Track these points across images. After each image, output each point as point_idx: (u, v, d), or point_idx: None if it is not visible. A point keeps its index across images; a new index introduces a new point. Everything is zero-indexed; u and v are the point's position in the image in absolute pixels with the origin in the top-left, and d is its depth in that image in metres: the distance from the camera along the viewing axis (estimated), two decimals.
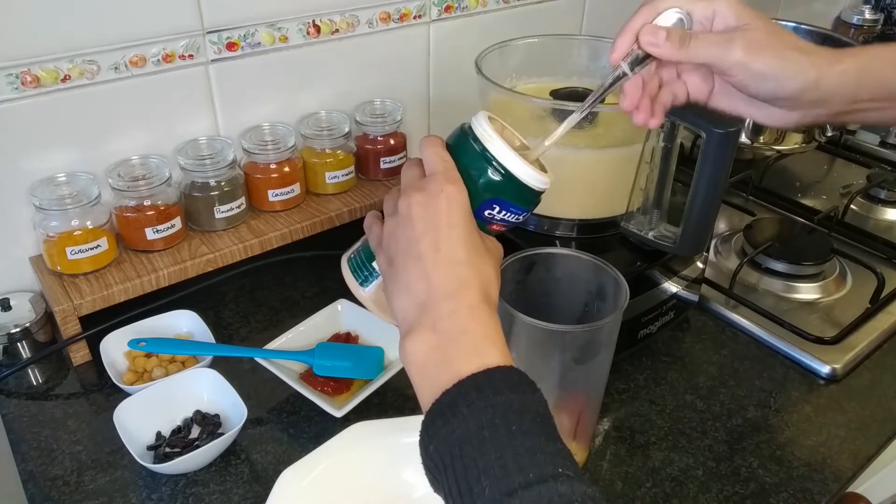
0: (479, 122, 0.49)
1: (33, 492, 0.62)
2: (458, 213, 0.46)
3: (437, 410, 0.41)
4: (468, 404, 0.40)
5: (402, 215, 0.47)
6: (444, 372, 0.42)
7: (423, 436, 0.41)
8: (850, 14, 1.48)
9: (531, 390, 0.42)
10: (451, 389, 0.41)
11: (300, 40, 0.86)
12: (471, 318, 0.44)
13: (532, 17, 1.07)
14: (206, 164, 0.79)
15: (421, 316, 0.44)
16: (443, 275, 0.45)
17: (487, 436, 0.38)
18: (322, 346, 0.73)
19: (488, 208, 0.49)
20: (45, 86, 0.72)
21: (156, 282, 0.76)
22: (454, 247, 0.45)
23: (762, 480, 0.64)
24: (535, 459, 0.37)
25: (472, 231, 0.47)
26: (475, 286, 0.45)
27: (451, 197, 0.46)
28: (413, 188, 0.47)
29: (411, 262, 0.46)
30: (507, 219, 0.50)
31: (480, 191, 0.48)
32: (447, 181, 0.46)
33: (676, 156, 0.69)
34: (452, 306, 0.44)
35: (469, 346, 0.43)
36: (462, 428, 0.39)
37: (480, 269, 0.46)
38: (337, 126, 0.89)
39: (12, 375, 0.73)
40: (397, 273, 0.47)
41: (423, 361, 0.43)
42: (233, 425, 0.65)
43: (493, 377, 0.41)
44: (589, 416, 0.63)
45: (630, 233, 0.73)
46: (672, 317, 0.78)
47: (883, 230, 0.99)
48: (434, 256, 0.45)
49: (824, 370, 0.76)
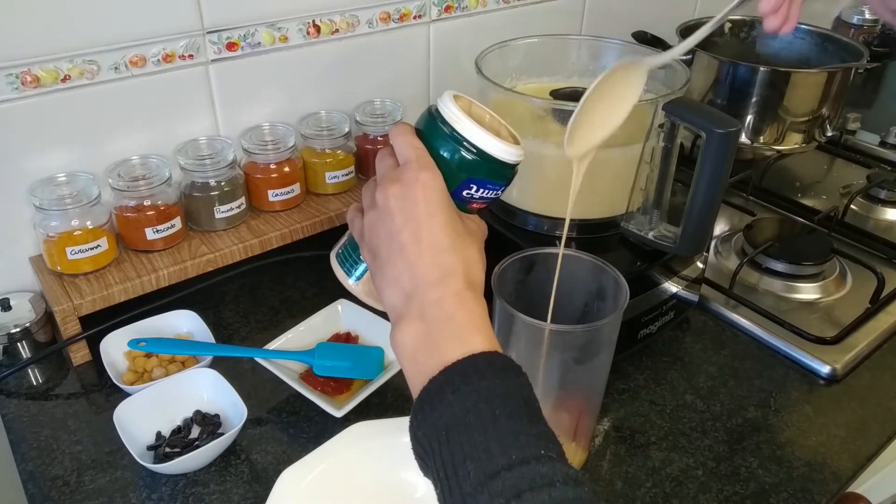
0: (445, 104, 0.49)
1: (33, 492, 0.62)
2: (435, 199, 0.47)
3: (425, 397, 0.42)
4: (454, 390, 0.41)
5: (381, 208, 0.48)
6: (432, 359, 0.43)
7: (413, 422, 0.43)
8: (850, 14, 1.48)
9: (515, 374, 0.42)
10: (437, 376, 0.42)
11: (300, 40, 0.86)
12: (456, 304, 0.44)
13: (532, 17, 1.07)
14: (206, 164, 0.79)
15: (408, 305, 0.45)
16: (426, 264, 0.45)
17: (472, 420, 0.39)
18: (322, 346, 0.73)
19: (465, 188, 0.49)
20: (45, 86, 0.72)
21: (156, 282, 0.76)
22: (435, 235, 0.46)
23: (762, 480, 0.64)
24: (518, 441, 0.38)
25: (452, 215, 0.47)
26: (459, 272, 0.46)
27: (426, 184, 0.46)
28: (388, 179, 0.48)
29: (395, 254, 0.47)
30: (486, 196, 0.50)
31: (455, 172, 0.48)
32: (421, 168, 0.47)
33: (676, 156, 0.68)
34: (438, 294, 0.45)
35: (455, 333, 0.44)
36: (448, 413, 0.40)
37: (464, 254, 0.47)
38: (337, 126, 0.89)
39: (12, 375, 0.73)
40: (382, 265, 0.48)
41: (412, 350, 0.44)
42: (233, 425, 0.65)
43: (477, 363, 0.42)
44: (589, 416, 0.63)
45: (630, 233, 0.73)
46: (672, 317, 0.78)
47: (883, 230, 0.99)
48: (416, 247, 0.46)
49: (824, 370, 0.76)
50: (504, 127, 0.51)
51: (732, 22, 1.16)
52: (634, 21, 1.08)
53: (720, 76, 1.02)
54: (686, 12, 1.28)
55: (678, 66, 0.75)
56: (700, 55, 1.03)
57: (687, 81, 0.71)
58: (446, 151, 0.48)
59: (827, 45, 1.10)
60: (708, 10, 1.24)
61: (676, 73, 0.74)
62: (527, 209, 0.74)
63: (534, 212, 0.74)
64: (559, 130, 0.71)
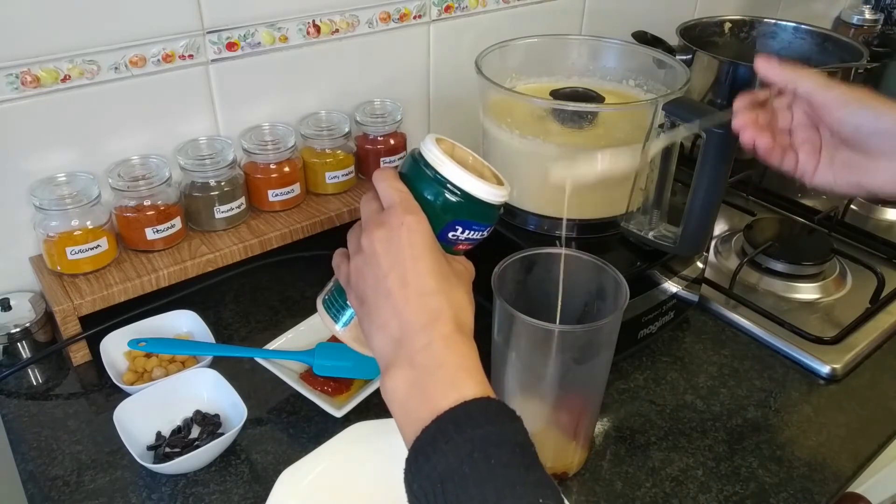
0: (427, 147, 0.49)
1: (33, 492, 0.62)
2: (420, 243, 0.46)
3: (419, 448, 0.41)
4: (447, 440, 0.40)
5: (367, 253, 0.47)
6: (424, 407, 0.42)
7: (407, 473, 0.42)
8: (850, 14, 1.48)
9: (510, 420, 0.42)
10: (430, 426, 0.41)
11: (300, 40, 0.86)
12: (445, 349, 0.44)
13: (532, 17, 1.07)
14: (206, 164, 0.79)
15: (398, 352, 0.45)
16: (414, 309, 0.45)
17: (467, 471, 0.39)
18: (322, 346, 0.73)
19: (451, 230, 0.49)
20: (45, 86, 0.72)
21: (156, 282, 0.76)
22: (421, 279, 0.45)
23: (762, 480, 0.64)
24: (515, 492, 0.38)
25: (438, 258, 0.47)
26: (447, 315, 0.45)
27: (411, 228, 0.46)
28: (373, 223, 0.48)
29: (381, 300, 0.46)
30: (472, 237, 0.50)
31: (440, 214, 0.48)
32: (405, 212, 0.47)
33: (676, 156, 0.69)
34: (426, 339, 0.44)
35: (446, 380, 0.43)
36: (443, 464, 0.39)
37: (451, 297, 0.46)
38: (337, 126, 0.89)
39: (12, 375, 0.73)
40: (370, 311, 0.47)
41: (403, 398, 0.44)
42: (233, 425, 0.65)
43: (470, 410, 0.41)
44: (589, 416, 0.63)
45: (630, 233, 0.73)
46: (672, 317, 0.78)
47: (883, 230, 0.99)
48: (403, 291, 0.45)
49: (824, 370, 0.76)
50: (487, 168, 0.52)
51: (732, 22, 1.16)
52: (634, 21, 1.08)
53: (720, 76, 1.02)
54: (686, 12, 1.28)
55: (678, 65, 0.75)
56: (700, 55, 1.03)
57: (687, 81, 0.71)
58: (430, 194, 0.48)
59: (827, 45, 1.10)
60: (708, 10, 1.24)
61: (676, 73, 0.74)
62: (527, 209, 0.74)
63: (534, 212, 0.74)
64: (559, 130, 0.71)
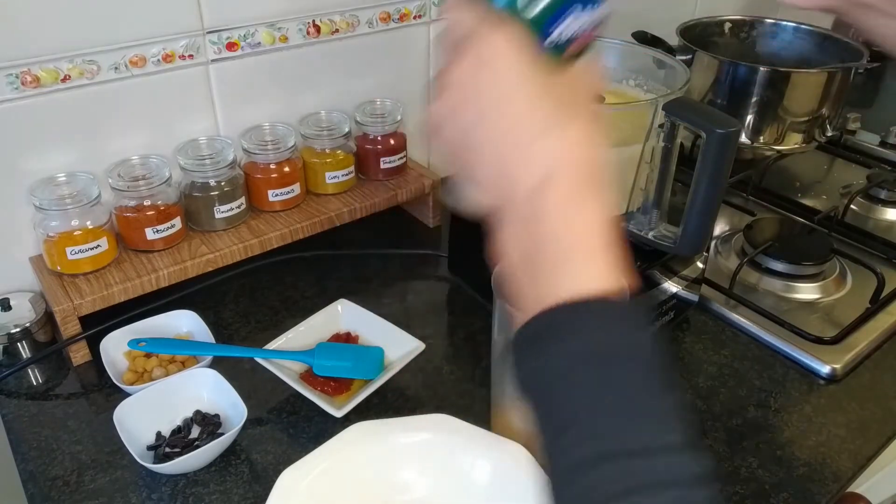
0: None
1: (33, 492, 0.62)
2: (515, 68, 0.36)
3: (524, 338, 0.35)
4: (559, 339, 0.33)
5: (454, 92, 0.38)
6: (536, 288, 0.35)
7: (514, 357, 0.35)
8: None
9: (636, 327, 0.34)
10: (540, 317, 0.34)
11: (300, 40, 0.86)
12: (562, 219, 0.35)
13: None
14: (206, 164, 0.79)
15: (509, 210, 0.37)
16: (519, 162, 0.36)
17: (581, 381, 0.32)
18: (322, 346, 0.73)
19: (554, 23, 0.39)
20: (45, 86, 0.72)
21: (156, 282, 0.76)
22: (524, 119, 0.36)
23: (762, 480, 0.64)
24: (634, 422, 0.31)
25: (544, 83, 0.37)
26: (566, 166, 0.35)
27: (499, 51, 0.37)
28: (457, 54, 0.38)
29: (481, 154, 0.37)
30: (583, 25, 0.39)
31: (537, 9, 0.38)
32: (491, 28, 0.37)
33: (676, 156, 0.69)
34: (538, 205, 0.35)
35: (560, 261, 0.34)
36: (553, 366, 0.33)
37: (568, 135, 0.36)
38: (337, 126, 0.89)
39: (12, 375, 0.73)
40: (469, 166, 0.39)
41: (516, 264, 0.37)
42: (233, 425, 0.65)
43: (588, 310, 0.33)
44: None
45: (630, 233, 0.73)
46: (672, 317, 0.78)
47: (883, 230, 0.98)
48: (502, 142, 0.36)
49: (824, 370, 0.76)
50: None
51: (732, 22, 1.16)
52: (634, 21, 1.08)
53: (720, 76, 1.02)
54: (686, 12, 1.28)
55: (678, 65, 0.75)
56: (700, 55, 1.03)
57: (687, 81, 0.71)
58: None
59: (827, 45, 1.10)
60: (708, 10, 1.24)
61: (676, 73, 0.74)
62: None
63: None
64: None
